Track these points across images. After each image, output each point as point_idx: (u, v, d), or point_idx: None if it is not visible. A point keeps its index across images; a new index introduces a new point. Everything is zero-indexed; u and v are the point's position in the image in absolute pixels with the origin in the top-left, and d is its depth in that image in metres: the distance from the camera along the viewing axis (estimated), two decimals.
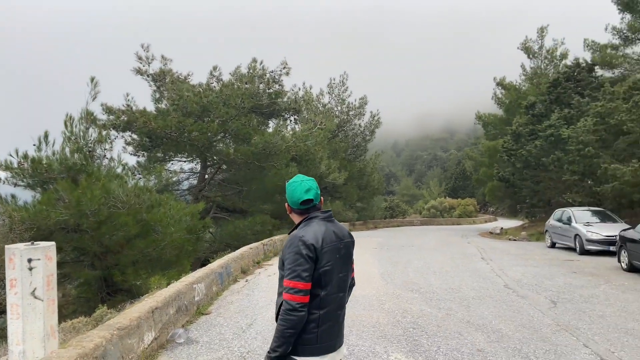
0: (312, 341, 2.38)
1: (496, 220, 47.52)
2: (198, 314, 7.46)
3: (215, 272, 9.09)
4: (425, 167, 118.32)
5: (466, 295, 8.53)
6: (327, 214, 2.57)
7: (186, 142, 15.92)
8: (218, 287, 9.12)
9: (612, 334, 6.07)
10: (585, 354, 5.33)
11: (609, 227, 14.73)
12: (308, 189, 2.53)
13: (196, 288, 7.86)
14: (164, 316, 6.26)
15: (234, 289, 9.44)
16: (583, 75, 23.74)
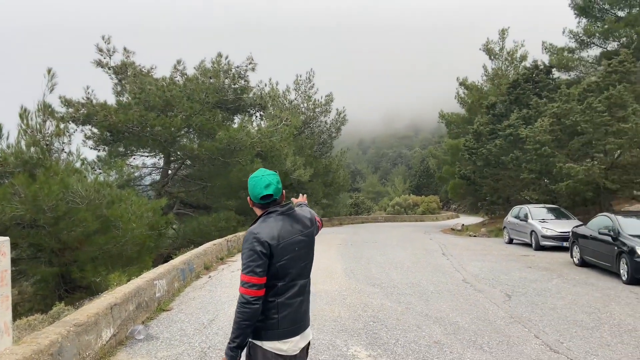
0: (273, 326, 2.46)
1: (458, 217, 48.63)
2: (159, 310, 7.39)
3: (177, 268, 9.01)
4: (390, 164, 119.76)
5: (426, 290, 8.75)
6: (286, 208, 2.60)
7: (149, 136, 15.62)
8: (180, 283, 9.04)
9: (562, 326, 6.36)
10: (536, 345, 5.57)
11: (563, 223, 15.34)
12: (268, 184, 2.56)
13: (157, 284, 7.77)
14: (123, 312, 6.17)
15: (197, 285, 9.37)
16: (541, 77, 24.55)
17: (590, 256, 11.02)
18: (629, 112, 16.03)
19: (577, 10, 25.58)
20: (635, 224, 10.41)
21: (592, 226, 11.36)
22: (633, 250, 9.24)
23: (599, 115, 16.13)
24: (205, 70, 18.29)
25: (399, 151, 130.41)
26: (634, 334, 5.97)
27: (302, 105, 33.83)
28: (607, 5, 24.84)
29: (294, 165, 24.60)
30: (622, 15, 24.65)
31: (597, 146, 16.77)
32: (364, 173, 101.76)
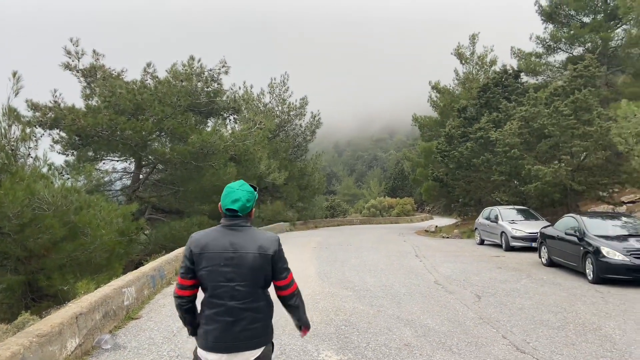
0: (201, 335, 2.62)
1: (432, 219, 49.21)
2: (127, 318, 7.25)
3: (147, 275, 8.86)
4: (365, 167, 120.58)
5: (398, 292, 8.82)
6: (231, 223, 2.64)
7: (119, 140, 15.32)
8: (150, 290, 8.89)
9: (529, 325, 6.49)
10: (503, 345, 5.67)
11: (532, 224, 15.68)
12: (236, 200, 2.62)
13: (126, 292, 7.62)
14: (89, 322, 6.04)
15: (167, 292, 9.23)
16: (510, 81, 25.10)
17: (558, 256, 11.29)
18: (594, 116, 16.52)
19: (544, 16, 26.28)
20: (600, 224, 10.73)
21: (559, 227, 11.64)
22: (598, 250, 9.50)
23: (565, 118, 16.58)
24: (177, 73, 18.06)
25: (374, 154, 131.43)
26: (598, 332, 6.14)
27: (276, 109, 33.80)
28: (572, 11, 25.59)
29: (268, 169, 24.53)
30: (587, 21, 25.44)
31: (564, 148, 17.21)
32: (339, 176, 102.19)
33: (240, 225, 2.64)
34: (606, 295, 8.34)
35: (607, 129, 15.17)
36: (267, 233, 2.71)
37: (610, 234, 10.13)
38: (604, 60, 24.23)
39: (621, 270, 9.08)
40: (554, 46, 26.33)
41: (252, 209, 2.73)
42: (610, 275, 9.19)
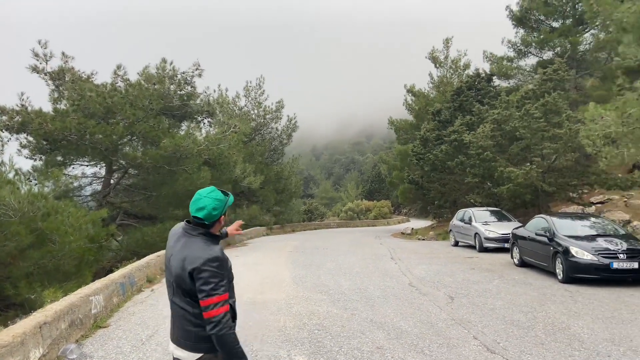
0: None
1: (409, 221, 49.57)
2: (95, 327, 7.06)
3: (116, 282, 8.64)
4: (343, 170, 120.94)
5: (372, 295, 8.80)
6: (186, 228, 2.69)
7: (88, 145, 14.95)
8: (119, 298, 8.68)
9: (499, 326, 6.54)
10: (474, 346, 5.69)
11: (505, 225, 15.90)
12: (201, 208, 2.61)
13: (93, 300, 7.42)
14: (54, 331, 5.85)
15: (138, 300, 9.03)
16: (483, 85, 25.49)
17: (529, 256, 11.46)
18: (563, 118, 16.86)
19: (514, 21, 26.79)
20: (570, 225, 10.93)
21: (530, 227, 11.82)
22: (567, 250, 9.67)
23: (536, 121, 16.88)
24: (149, 76, 17.77)
25: (351, 157, 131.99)
26: (567, 332, 6.22)
27: (252, 112, 33.65)
28: (542, 16, 26.14)
29: (243, 173, 24.35)
30: (556, 26, 26.02)
31: (535, 151, 17.52)
32: (317, 179, 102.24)
33: (188, 232, 2.66)
34: (575, 295, 8.48)
35: (575, 132, 15.48)
36: (205, 249, 2.58)
37: (579, 234, 10.33)
38: (573, 64, 24.81)
39: (590, 270, 9.25)
40: (525, 50, 26.85)
41: (221, 217, 2.69)
42: (579, 275, 9.36)
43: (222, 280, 2.53)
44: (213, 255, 2.54)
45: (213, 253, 2.56)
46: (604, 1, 10.04)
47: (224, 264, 2.60)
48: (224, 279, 2.55)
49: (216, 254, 2.56)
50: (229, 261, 2.75)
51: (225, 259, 2.66)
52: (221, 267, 2.56)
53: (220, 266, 2.55)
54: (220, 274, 2.53)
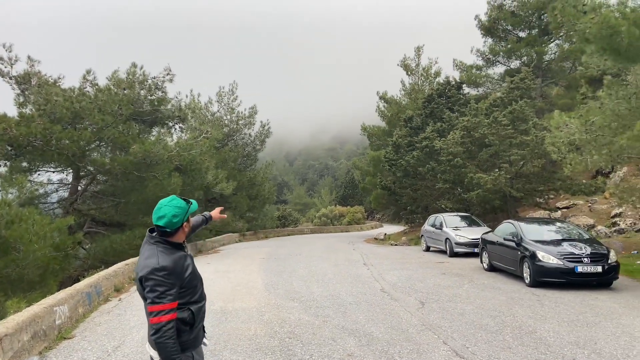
0: None
1: (382, 227, 49.93)
2: (60, 338, 6.84)
3: (82, 292, 8.40)
4: (317, 176, 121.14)
5: (344, 301, 8.80)
6: (148, 236, 2.82)
7: (54, 150, 14.54)
8: (85, 308, 8.44)
9: (469, 331, 6.63)
10: (444, 351, 5.75)
11: (474, 230, 16.18)
12: (161, 217, 2.71)
13: (57, 311, 7.20)
14: (16, 343, 5.65)
15: (104, 310, 8.80)
16: (453, 92, 25.98)
17: (498, 261, 11.67)
18: (530, 126, 17.31)
19: (483, 30, 27.42)
20: (537, 229, 11.19)
21: (498, 232, 12.05)
22: (534, 254, 9.89)
23: (504, 128, 17.28)
24: (119, 80, 17.42)
25: (325, 163, 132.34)
26: (534, 335, 6.34)
27: (225, 118, 33.40)
28: (509, 26, 26.84)
29: (215, 179, 24.09)
30: (523, 36, 26.76)
31: (503, 157, 17.93)
32: (291, 185, 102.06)
33: (148, 241, 2.79)
34: (542, 299, 8.67)
35: (542, 139, 15.91)
36: (155, 257, 2.66)
37: (545, 239, 10.58)
38: (539, 73, 25.54)
39: (556, 274, 9.48)
40: (493, 59, 27.52)
41: (183, 224, 2.77)
42: (545, 279, 9.58)
43: (169, 289, 2.60)
44: (161, 265, 2.61)
45: (162, 262, 2.62)
46: (567, 12, 10.34)
47: (174, 273, 2.64)
48: (171, 288, 2.61)
49: (164, 264, 2.62)
50: (190, 268, 2.79)
51: (179, 268, 2.69)
52: (169, 277, 2.61)
53: (168, 275, 2.61)
54: (166, 283, 2.59)
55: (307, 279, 11.69)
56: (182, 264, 2.73)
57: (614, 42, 9.18)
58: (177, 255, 2.73)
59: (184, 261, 2.77)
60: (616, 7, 9.61)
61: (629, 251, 13.76)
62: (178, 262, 2.70)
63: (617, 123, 11.20)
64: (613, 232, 16.39)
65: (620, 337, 6.21)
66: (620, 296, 8.81)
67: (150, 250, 2.71)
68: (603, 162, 12.40)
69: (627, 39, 8.95)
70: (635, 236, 15.29)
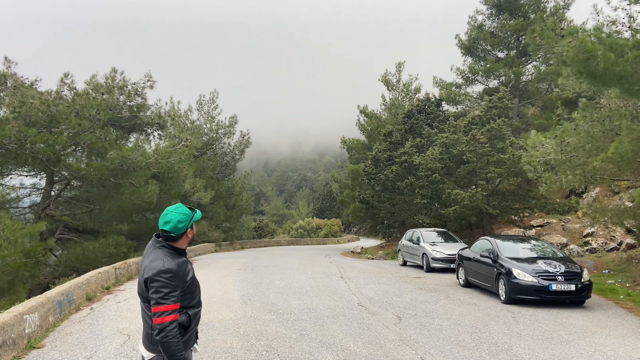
0: None
1: (358, 240, 50.02)
2: (29, 347, 6.62)
3: (52, 300, 8.16)
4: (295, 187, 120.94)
5: (322, 315, 8.75)
6: (154, 240, 3.00)
7: (28, 154, 14.18)
8: (56, 317, 8.20)
9: (446, 346, 6.65)
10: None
11: (451, 246, 16.33)
12: (167, 222, 2.91)
13: (27, 319, 6.97)
14: None
15: (75, 319, 8.55)
16: (432, 109, 26.36)
17: (474, 277, 11.78)
18: (507, 144, 17.66)
19: (463, 49, 28.02)
20: (512, 247, 11.35)
21: (475, 249, 12.19)
22: (510, 271, 10.02)
23: (482, 146, 17.59)
24: (98, 85, 17.15)
25: (304, 174, 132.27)
26: (509, 352, 6.40)
27: (204, 126, 33.20)
28: (488, 46, 27.49)
29: (193, 188, 23.85)
30: (502, 56, 27.43)
31: (480, 174, 18.22)
32: (268, 196, 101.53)
33: (154, 245, 2.95)
34: (517, 316, 8.77)
35: (518, 157, 16.25)
36: (160, 259, 2.83)
37: (521, 256, 10.73)
38: (516, 92, 26.17)
39: (530, 291, 9.62)
40: (472, 78, 28.10)
41: (187, 229, 2.97)
42: (520, 296, 9.70)
43: (173, 291, 2.76)
44: (166, 267, 2.79)
45: (167, 265, 2.81)
46: (546, 35, 10.64)
47: (177, 276, 2.81)
48: (175, 290, 2.77)
49: (169, 266, 2.81)
50: (191, 274, 2.98)
51: (182, 271, 2.87)
52: (174, 279, 2.79)
53: (173, 277, 2.79)
54: (171, 285, 2.77)
55: (284, 292, 11.60)
56: (184, 268, 2.90)
57: (589, 66, 9.46)
58: (180, 260, 2.90)
59: (186, 266, 2.94)
60: (593, 31, 9.93)
61: (600, 270, 14.07)
62: (181, 266, 2.87)
63: (591, 145, 11.53)
64: (585, 251, 16.75)
65: (593, 356, 6.31)
66: (593, 315, 8.98)
67: (156, 253, 2.88)
68: (577, 182, 12.71)
69: (602, 64, 9.24)
70: (606, 255, 15.65)
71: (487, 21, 27.87)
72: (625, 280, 12.52)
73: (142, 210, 17.97)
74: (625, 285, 12.08)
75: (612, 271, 13.79)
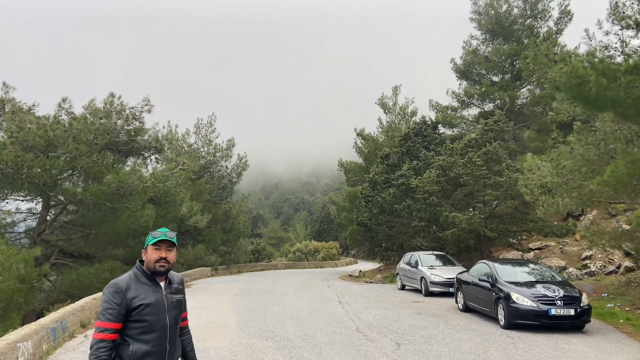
0: None
1: (356, 263, 49.64)
2: None
3: (46, 327, 8.04)
4: (292, 210, 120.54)
5: (319, 341, 8.63)
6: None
7: (25, 179, 14.16)
8: (49, 344, 8.06)
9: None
10: None
11: (449, 270, 16.20)
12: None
13: (21, 347, 6.86)
14: None
15: (69, 347, 8.41)
16: (429, 132, 26.54)
17: (473, 302, 11.67)
18: (504, 167, 17.73)
19: (458, 73, 28.37)
20: (511, 271, 11.28)
21: (473, 273, 12.11)
22: (509, 296, 9.94)
23: (478, 168, 17.65)
24: (96, 110, 17.25)
25: (301, 197, 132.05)
26: None
27: (202, 149, 33.27)
28: (483, 70, 27.85)
29: (190, 211, 23.76)
30: (497, 80, 27.77)
31: (478, 197, 18.24)
32: (266, 218, 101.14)
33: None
34: (517, 341, 8.66)
35: (515, 180, 16.30)
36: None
37: (519, 280, 10.65)
38: (512, 116, 26.39)
39: (529, 316, 9.52)
40: (468, 101, 28.38)
41: (142, 251, 2.89)
42: (520, 321, 9.60)
43: (110, 308, 2.60)
44: (112, 281, 2.73)
45: (117, 279, 2.73)
46: (539, 60, 10.80)
47: (120, 293, 2.65)
48: (113, 308, 2.60)
49: (117, 281, 2.70)
50: (143, 301, 2.70)
51: (135, 292, 2.68)
52: (115, 295, 2.64)
53: (115, 293, 2.64)
54: (110, 300, 2.62)
55: (281, 317, 11.46)
56: (141, 290, 2.73)
57: (583, 91, 9.57)
58: (129, 275, 2.81)
59: (144, 290, 2.74)
60: (585, 56, 10.08)
61: (599, 294, 13.97)
62: (137, 288, 2.73)
63: (586, 168, 11.57)
64: (584, 274, 16.66)
65: None
66: (593, 340, 8.88)
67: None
68: (574, 205, 12.71)
69: (595, 89, 9.35)
70: (605, 279, 15.57)
71: (481, 46, 28.31)
72: (625, 304, 12.42)
73: (138, 235, 17.84)
74: (624, 308, 11.99)
75: (611, 294, 13.69)
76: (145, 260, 2.81)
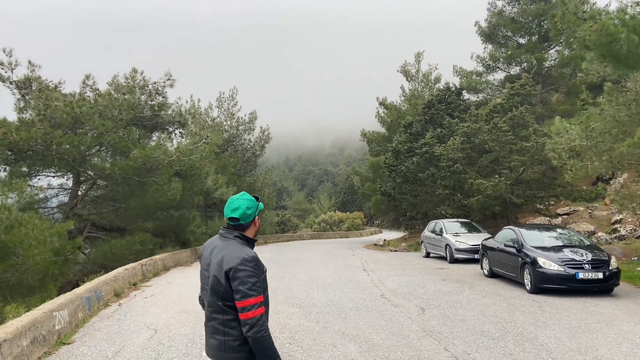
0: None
1: (381, 233, 49.86)
2: (59, 343, 6.82)
3: (81, 297, 8.38)
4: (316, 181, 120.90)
5: (344, 307, 8.78)
6: (221, 232, 2.76)
7: (54, 155, 14.53)
8: (85, 313, 8.42)
9: (470, 337, 6.60)
10: (445, 357, 5.72)
11: (474, 237, 16.15)
12: (235, 208, 2.69)
13: (57, 316, 7.17)
14: (15, 349, 5.63)
15: (104, 315, 8.77)
16: (453, 98, 26.01)
17: (498, 267, 11.64)
18: (530, 132, 17.32)
19: (483, 36, 27.51)
20: (537, 236, 11.17)
21: (499, 239, 12.03)
22: (535, 261, 9.87)
23: (504, 134, 17.29)
24: (119, 86, 17.44)
25: (325, 168, 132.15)
26: (535, 342, 6.32)
27: (225, 123, 33.42)
28: (509, 33, 26.93)
29: (215, 184, 24.04)
30: (523, 42, 26.84)
31: (503, 163, 17.93)
32: (290, 190, 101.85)
33: (224, 236, 2.73)
34: (543, 305, 8.64)
35: (542, 145, 15.93)
36: (240, 250, 2.60)
37: (546, 245, 10.56)
38: (539, 79, 25.59)
39: (556, 280, 9.46)
40: (493, 65, 27.57)
41: (255, 217, 2.77)
42: (546, 285, 9.55)
43: (259, 281, 2.54)
44: (250, 255, 2.57)
45: (250, 253, 2.59)
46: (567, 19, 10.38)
47: (260, 266, 2.60)
48: (259, 281, 2.54)
49: (253, 254, 2.59)
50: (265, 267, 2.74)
51: (260, 262, 2.64)
52: (257, 268, 2.57)
53: (257, 266, 2.57)
54: (256, 274, 2.54)
55: (307, 285, 11.67)
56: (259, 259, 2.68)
57: (613, 49, 9.21)
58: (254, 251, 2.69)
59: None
60: (616, 14, 9.65)
61: (629, 257, 13.75)
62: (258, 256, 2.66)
63: (617, 129, 11.22)
64: (613, 238, 16.37)
65: (622, 344, 6.19)
66: (622, 303, 8.79)
67: (231, 243, 2.64)
68: (603, 168, 12.40)
69: (626, 46, 8.98)
70: (635, 242, 15.27)
71: (507, 7, 27.25)
72: None
73: (166, 208, 18.25)
74: None
75: None
76: (256, 229, 2.79)
